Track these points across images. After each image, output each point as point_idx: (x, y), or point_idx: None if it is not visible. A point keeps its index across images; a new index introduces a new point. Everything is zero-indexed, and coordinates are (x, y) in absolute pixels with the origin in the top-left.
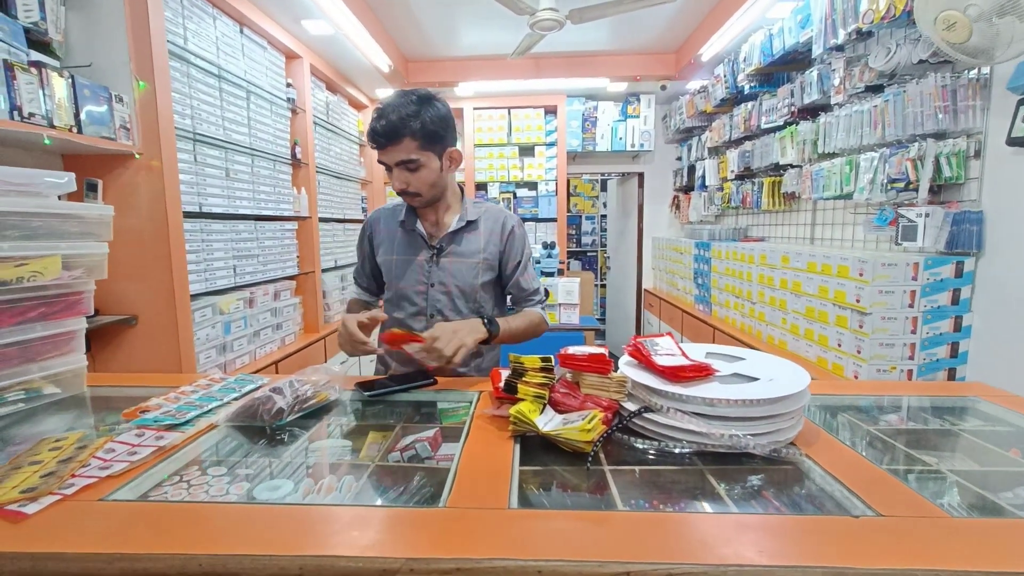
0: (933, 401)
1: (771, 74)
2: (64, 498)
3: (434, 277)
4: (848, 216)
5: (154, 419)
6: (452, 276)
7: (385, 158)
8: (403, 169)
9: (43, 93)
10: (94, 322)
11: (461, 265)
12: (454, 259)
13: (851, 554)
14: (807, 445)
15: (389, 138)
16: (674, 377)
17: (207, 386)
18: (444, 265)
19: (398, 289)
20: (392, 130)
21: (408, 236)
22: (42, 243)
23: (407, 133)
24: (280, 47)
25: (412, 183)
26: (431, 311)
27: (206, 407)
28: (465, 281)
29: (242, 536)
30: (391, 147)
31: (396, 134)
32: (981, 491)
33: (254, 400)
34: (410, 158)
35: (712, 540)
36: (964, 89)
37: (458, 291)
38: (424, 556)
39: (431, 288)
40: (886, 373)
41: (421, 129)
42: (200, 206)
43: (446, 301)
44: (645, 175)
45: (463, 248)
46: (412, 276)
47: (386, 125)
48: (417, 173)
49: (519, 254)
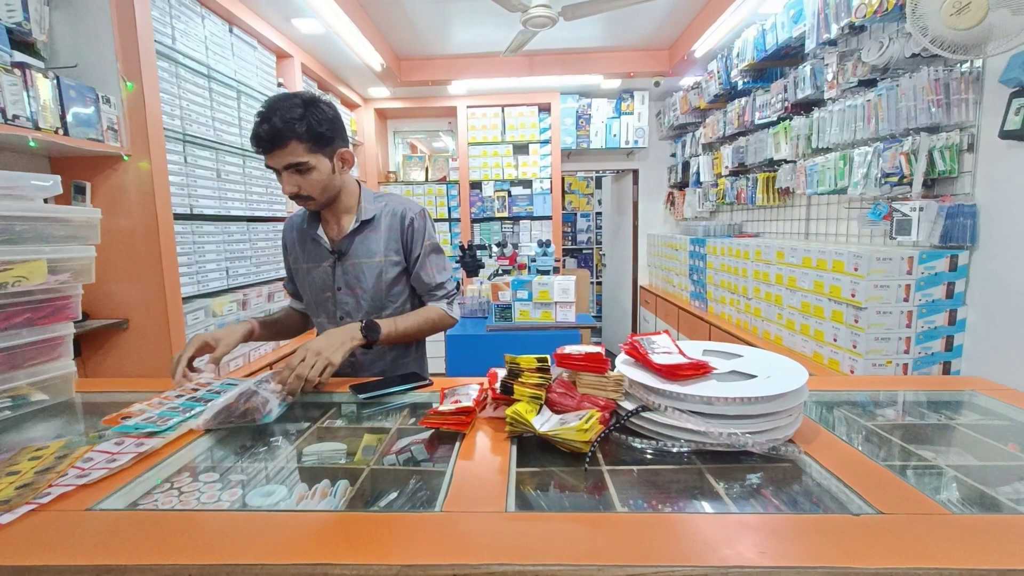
0: (930, 395)
1: (764, 69)
2: (48, 508)
3: (339, 281)
4: (842, 211)
5: (135, 426)
6: (356, 279)
7: (272, 163)
8: (292, 173)
9: (27, 95)
10: (84, 326)
11: (363, 266)
12: (356, 261)
13: (853, 554)
14: (805, 442)
15: (274, 142)
16: (671, 375)
17: (192, 391)
18: (348, 268)
19: (309, 296)
20: (276, 134)
21: (311, 243)
22: (27, 247)
23: (292, 136)
24: (270, 46)
25: (303, 187)
26: (340, 314)
27: (190, 412)
28: (370, 283)
29: (234, 544)
30: (277, 151)
31: (281, 138)
32: (980, 486)
33: (237, 397)
34: (298, 161)
35: (712, 541)
36: (957, 83)
37: (364, 293)
38: (420, 563)
39: (338, 292)
40: (882, 367)
41: (307, 132)
42: (191, 208)
43: (354, 304)
44: (640, 172)
45: (362, 249)
46: (319, 283)
47: (269, 129)
48: (307, 176)
49: (419, 246)
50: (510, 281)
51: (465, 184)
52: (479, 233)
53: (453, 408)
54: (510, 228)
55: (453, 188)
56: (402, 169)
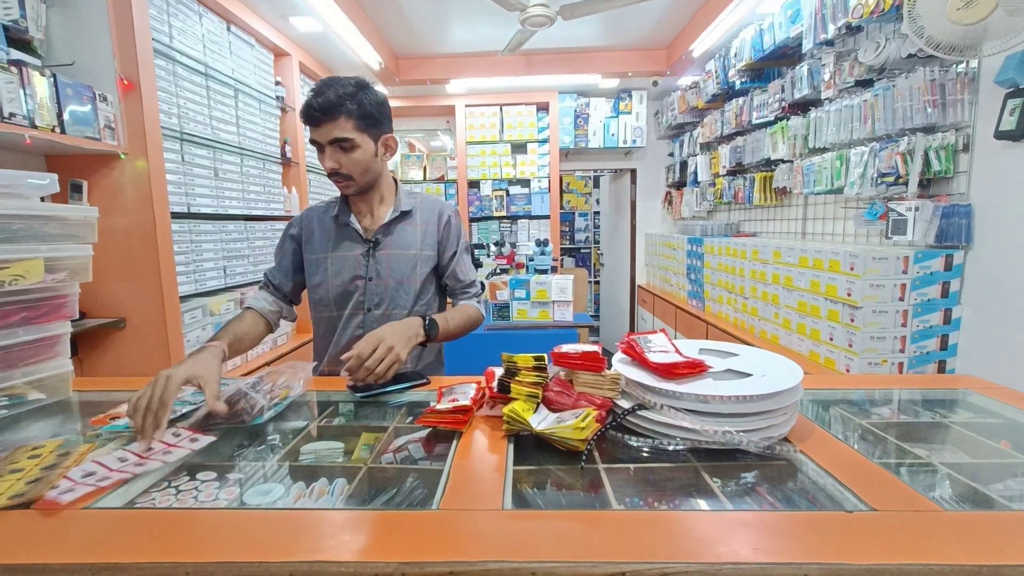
0: (924, 394)
1: (762, 69)
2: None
3: (371, 271)
4: (839, 210)
5: (125, 425)
6: (390, 269)
7: (318, 136)
8: (336, 149)
9: (24, 92)
10: (81, 325)
11: (399, 258)
12: (391, 251)
13: (845, 550)
14: (800, 440)
15: (325, 113)
16: (667, 374)
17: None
18: (381, 258)
19: (334, 286)
20: (329, 106)
21: (342, 231)
22: (23, 246)
23: (343, 111)
24: (268, 44)
25: (345, 164)
26: (368, 306)
27: (180, 412)
28: (403, 274)
29: (231, 543)
30: (326, 124)
31: (333, 111)
32: (973, 483)
33: (228, 399)
34: (345, 136)
35: (707, 538)
36: (952, 83)
37: (396, 284)
38: (417, 560)
39: (368, 283)
40: (877, 366)
41: (358, 109)
42: (188, 206)
43: (384, 295)
44: (637, 171)
45: (399, 240)
46: (348, 272)
47: (323, 101)
48: (351, 154)
49: (455, 244)
50: (508, 280)
51: (463, 183)
52: (477, 232)
53: (450, 407)
54: (508, 227)
55: (451, 187)
56: (400, 168)
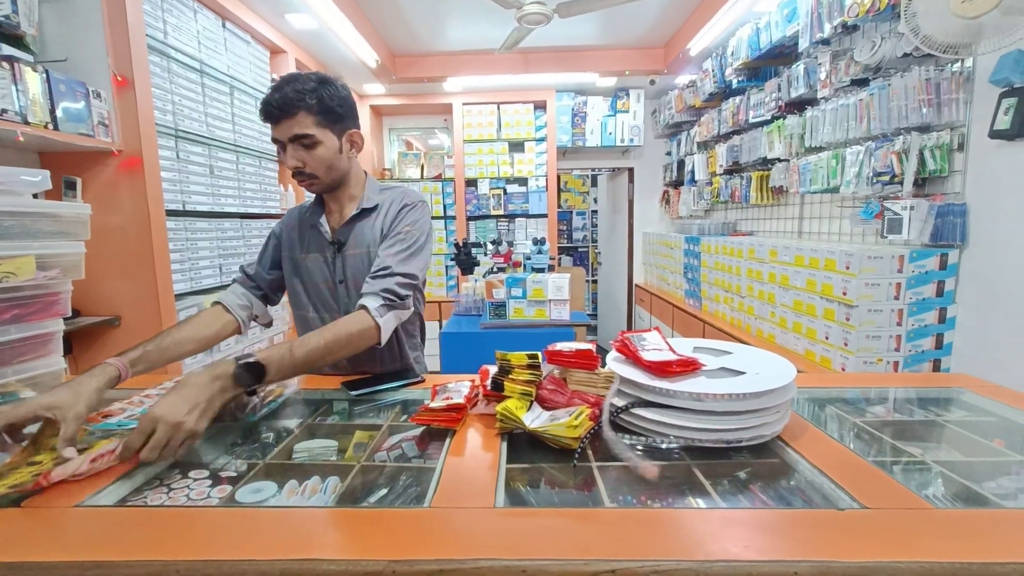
0: (919, 392)
1: (758, 68)
2: (34, 505)
3: (339, 274)
4: (835, 210)
5: (118, 423)
6: (354, 271)
7: (278, 133)
8: (298, 146)
9: (16, 88)
10: (75, 323)
11: (360, 258)
12: (354, 251)
13: (837, 548)
14: (794, 438)
15: (283, 109)
16: (661, 372)
17: None
18: (348, 260)
19: (310, 289)
20: (286, 102)
21: (311, 233)
22: (15, 243)
23: (303, 107)
24: (264, 41)
25: (308, 162)
26: (344, 309)
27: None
28: (363, 275)
29: (222, 541)
30: (285, 120)
31: (291, 106)
32: (966, 482)
33: None
34: (305, 133)
35: (699, 536)
36: (947, 83)
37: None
38: (408, 558)
39: (339, 286)
40: (873, 365)
41: (318, 104)
42: (184, 204)
43: (355, 298)
44: (635, 170)
45: (359, 239)
46: (320, 275)
47: (280, 97)
48: (313, 151)
49: (399, 224)
50: (504, 279)
51: (460, 182)
52: (474, 231)
53: (444, 405)
54: (505, 226)
55: (448, 186)
56: (397, 166)
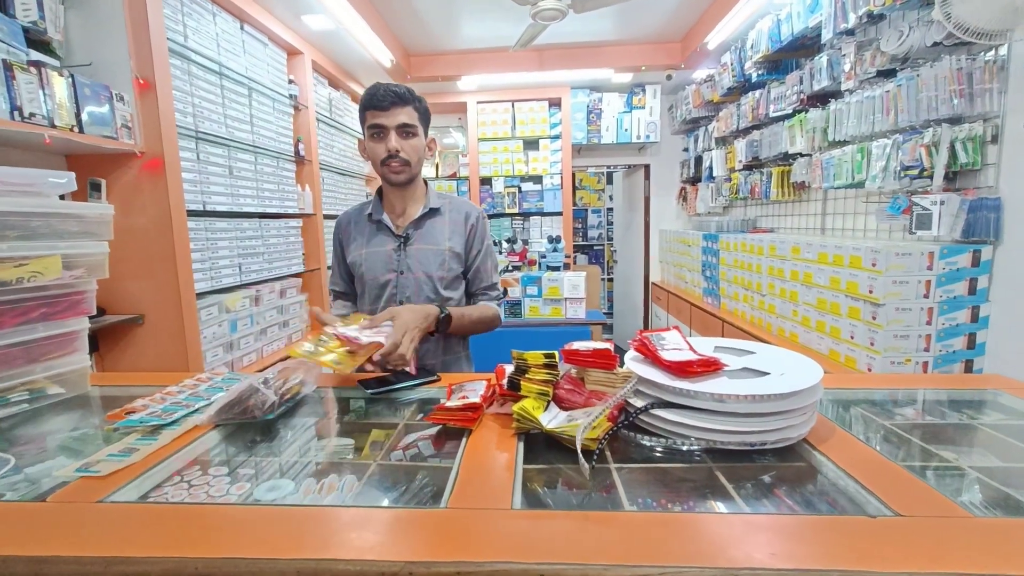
0: (950, 394)
1: (779, 61)
2: (62, 500)
3: (402, 265)
4: (860, 205)
5: (140, 420)
6: (420, 264)
7: (386, 119)
8: (401, 133)
9: (43, 93)
10: (100, 322)
11: (428, 253)
12: (421, 246)
13: (868, 557)
14: (820, 441)
15: (400, 99)
16: (681, 372)
17: (194, 386)
18: (412, 253)
19: (369, 281)
20: (401, 95)
21: (375, 228)
22: (42, 243)
23: (411, 102)
24: (281, 43)
25: (405, 149)
26: (400, 298)
27: (193, 407)
28: (431, 269)
29: (240, 538)
30: (396, 109)
31: (403, 99)
32: (1004, 488)
33: (239, 395)
34: (411, 123)
35: (722, 541)
36: (980, 72)
37: (426, 278)
38: (424, 559)
39: (400, 276)
40: (901, 366)
41: (419, 105)
42: (204, 204)
43: (414, 289)
44: (651, 167)
45: (428, 236)
46: (381, 266)
47: (396, 89)
48: (411, 141)
49: (480, 244)
50: (520, 277)
51: (475, 180)
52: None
53: (460, 404)
54: (520, 224)
55: (463, 184)
56: None
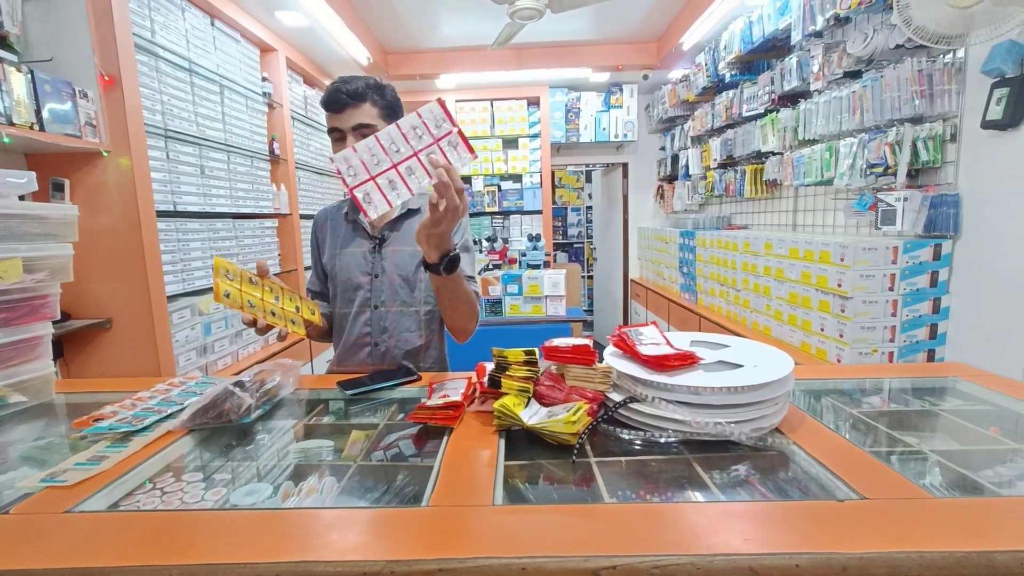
0: (914, 382)
1: (751, 62)
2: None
3: (376, 268)
4: (829, 202)
5: (109, 426)
6: (394, 266)
7: (340, 122)
8: (358, 136)
9: (0, 89)
10: (65, 327)
11: (404, 255)
12: (396, 248)
13: (837, 539)
14: (792, 430)
15: (353, 98)
16: (658, 366)
17: (166, 391)
18: (387, 255)
19: (342, 283)
20: (357, 92)
21: (351, 228)
22: (1, 246)
23: (369, 99)
24: (254, 40)
25: None
26: (375, 302)
27: (166, 412)
28: (407, 271)
29: (217, 544)
30: (351, 109)
31: (360, 97)
32: (963, 470)
33: (214, 399)
34: (369, 123)
35: (699, 529)
36: (940, 73)
37: (401, 281)
38: (406, 558)
39: (374, 279)
40: (868, 356)
41: (382, 99)
42: (174, 204)
43: (389, 292)
44: (629, 165)
45: (406, 237)
46: (356, 268)
47: (351, 87)
48: None
49: (458, 238)
50: (500, 276)
51: None
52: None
53: (441, 403)
54: (500, 223)
55: None
56: None
